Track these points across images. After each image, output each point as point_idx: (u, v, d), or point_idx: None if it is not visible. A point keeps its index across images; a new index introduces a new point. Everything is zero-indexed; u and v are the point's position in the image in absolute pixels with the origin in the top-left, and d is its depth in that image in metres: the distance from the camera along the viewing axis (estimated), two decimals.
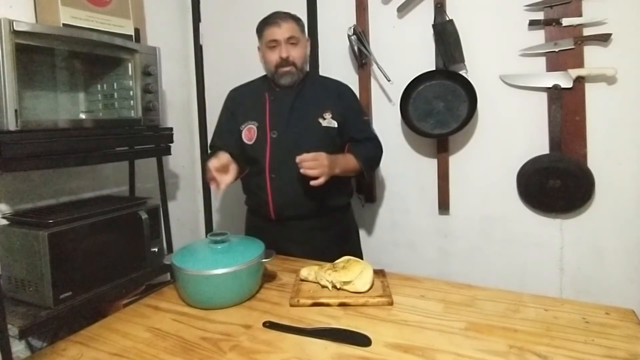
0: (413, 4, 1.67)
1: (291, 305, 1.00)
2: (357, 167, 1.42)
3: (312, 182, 1.24)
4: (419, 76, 1.62)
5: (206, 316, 0.97)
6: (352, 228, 1.61)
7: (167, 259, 1.07)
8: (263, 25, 1.44)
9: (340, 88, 1.53)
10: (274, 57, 1.41)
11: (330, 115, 1.43)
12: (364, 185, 1.80)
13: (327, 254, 1.24)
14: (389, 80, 1.68)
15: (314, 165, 1.24)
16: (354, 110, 1.52)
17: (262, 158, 1.42)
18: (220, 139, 1.51)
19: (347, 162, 1.40)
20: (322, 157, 1.25)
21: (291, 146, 1.37)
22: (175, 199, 2.08)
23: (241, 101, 1.52)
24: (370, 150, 1.50)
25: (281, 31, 1.39)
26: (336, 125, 1.43)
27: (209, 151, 1.64)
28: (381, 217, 1.85)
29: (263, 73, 1.54)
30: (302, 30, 1.48)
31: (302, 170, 1.23)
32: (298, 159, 1.23)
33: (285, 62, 1.40)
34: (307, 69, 1.54)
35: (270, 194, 1.42)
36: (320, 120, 1.42)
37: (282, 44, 1.40)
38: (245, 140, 1.45)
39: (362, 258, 1.56)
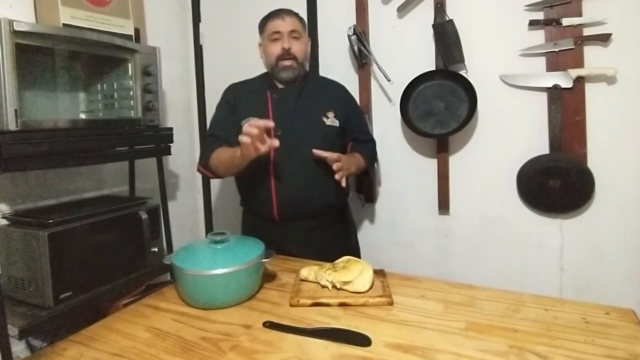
0: (413, 4, 1.67)
1: (291, 305, 1.00)
2: (364, 166, 1.50)
3: (343, 183, 1.29)
4: (419, 76, 1.62)
5: (206, 316, 0.97)
6: (351, 226, 1.62)
7: (167, 259, 1.07)
8: (266, 19, 1.46)
9: (339, 88, 1.57)
10: (276, 49, 1.41)
11: (333, 115, 1.45)
12: (364, 185, 1.80)
13: (328, 254, 1.23)
14: (389, 80, 1.68)
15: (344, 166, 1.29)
16: (355, 112, 1.57)
17: (265, 157, 1.37)
18: (222, 129, 1.45)
19: (358, 161, 1.47)
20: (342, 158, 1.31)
21: (295, 145, 1.37)
22: (175, 199, 2.07)
23: (242, 97, 1.48)
24: (372, 150, 1.61)
25: (284, 24, 1.41)
26: (338, 125, 1.45)
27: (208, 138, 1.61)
28: (381, 217, 1.85)
29: (263, 72, 1.54)
30: (304, 29, 1.49)
31: (337, 176, 1.26)
32: (336, 166, 1.25)
33: (287, 53, 1.40)
34: (307, 69, 1.54)
35: (275, 193, 1.40)
36: (324, 119, 1.44)
37: (285, 35, 1.41)
38: None
39: (359, 256, 1.57)
